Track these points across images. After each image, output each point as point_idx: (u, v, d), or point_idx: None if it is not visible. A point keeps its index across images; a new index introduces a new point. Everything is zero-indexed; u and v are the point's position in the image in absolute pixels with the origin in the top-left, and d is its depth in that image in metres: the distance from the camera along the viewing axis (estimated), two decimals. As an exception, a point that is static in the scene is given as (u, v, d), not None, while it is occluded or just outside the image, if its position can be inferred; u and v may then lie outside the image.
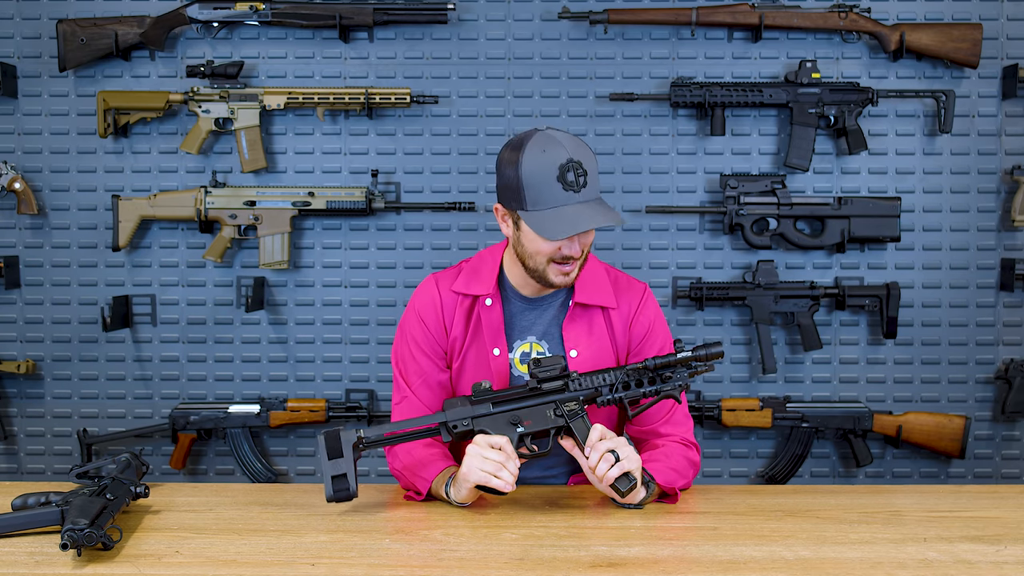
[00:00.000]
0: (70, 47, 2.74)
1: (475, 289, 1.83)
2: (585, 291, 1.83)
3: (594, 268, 1.87)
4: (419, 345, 1.85)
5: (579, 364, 1.81)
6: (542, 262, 1.73)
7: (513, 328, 1.84)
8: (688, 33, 2.80)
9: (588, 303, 1.83)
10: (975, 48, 2.71)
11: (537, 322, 1.85)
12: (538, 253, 1.72)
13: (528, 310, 1.85)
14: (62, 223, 2.86)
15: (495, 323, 1.82)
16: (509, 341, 1.84)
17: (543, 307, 1.85)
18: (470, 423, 1.66)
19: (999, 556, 1.48)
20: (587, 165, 1.68)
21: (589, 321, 1.84)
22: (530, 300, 1.85)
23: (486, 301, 1.83)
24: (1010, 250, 2.83)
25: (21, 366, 2.82)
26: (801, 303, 2.77)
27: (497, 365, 1.82)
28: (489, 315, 1.82)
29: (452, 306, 1.84)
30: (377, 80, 2.83)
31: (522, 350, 1.84)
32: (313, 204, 2.76)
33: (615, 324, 1.85)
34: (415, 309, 1.86)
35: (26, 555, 1.49)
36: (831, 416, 2.76)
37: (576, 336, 1.83)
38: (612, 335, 1.85)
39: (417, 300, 1.87)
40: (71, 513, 1.55)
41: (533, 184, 1.66)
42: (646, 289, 1.90)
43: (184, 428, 2.77)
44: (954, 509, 1.72)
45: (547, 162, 1.66)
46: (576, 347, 1.82)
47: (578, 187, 1.66)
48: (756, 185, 2.75)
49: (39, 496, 1.67)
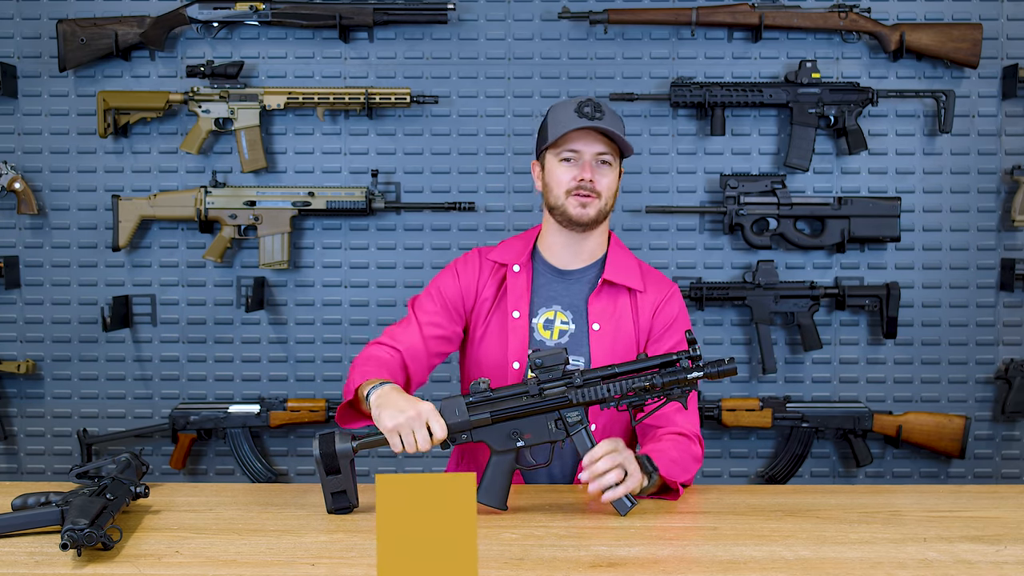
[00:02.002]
0: (70, 47, 2.74)
1: (508, 258, 1.95)
2: (615, 271, 1.92)
3: (626, 256, 1.97)
4: (442, 294, 1.94)
5: (599, 338, 1.87)
6: (561, 194, 1.85)
7: (539, 295, 1.92)
8: (688, 33, 2.80)
9: (616, 282, 1.91)
10: (975, 48, 2.71)
11: (564, 293, 1.92)
12: (557, 184, 1.85)
13: (557, 281, 1.93)
14: (62, 223, 2.86)
15: (520, 288, 1.91)
16: (533, 307, 1.91)
17: (572, 280, 1.93)
18: (469, 436, 1.64)
19: (999, 556, 1.48)
20: (606, 108, 1.84)
21: (615, 300, 1.91)
22: (560, 272, 1.93)
23: (514, 267, 1.92)
24: (1010, 250, 2.83)
25: (21, 366, 2.82)
26: (801, 303, 2.77)
27: (515, 327, 1.88)
28: (516, 280, 1.92)
29: (488, 272, 1.95)
30: (377, 80, 2.83)
31: (546, 316, 1.91)
32: (313, 204, 2.76)
33: (641, 308, 1.92)
34: (453, 266, 1.99)
35: (26, 555, 1.49)
36: (831, 416, 2.76)
37: (600, 311, 1.90)
38: (636, 318, 1.92)
39: (458, 260, 2.00)
40: (71, 513, 1.55)
41: (555, 119, 1.85)
42: (675, 287, 1.98)
43: (184, 428, 2.77)
44: (954, 509, 1.72)
45: (568, 103, 1.86)
46: (599, 321, 1.89)
47: (593, 117, 1.81)
48: (756, 185, 2.75)
49: (39, 496, 1.67)
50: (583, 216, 1.85)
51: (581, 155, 1.84)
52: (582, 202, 1.84)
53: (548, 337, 1.89)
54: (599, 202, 1.85)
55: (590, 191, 1.84)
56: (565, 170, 1.85)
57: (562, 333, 1.90)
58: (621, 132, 1.85)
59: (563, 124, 1.83)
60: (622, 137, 1.83)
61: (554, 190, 1.86)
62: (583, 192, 1.83)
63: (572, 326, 1.90)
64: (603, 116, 1.82)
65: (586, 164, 1.84)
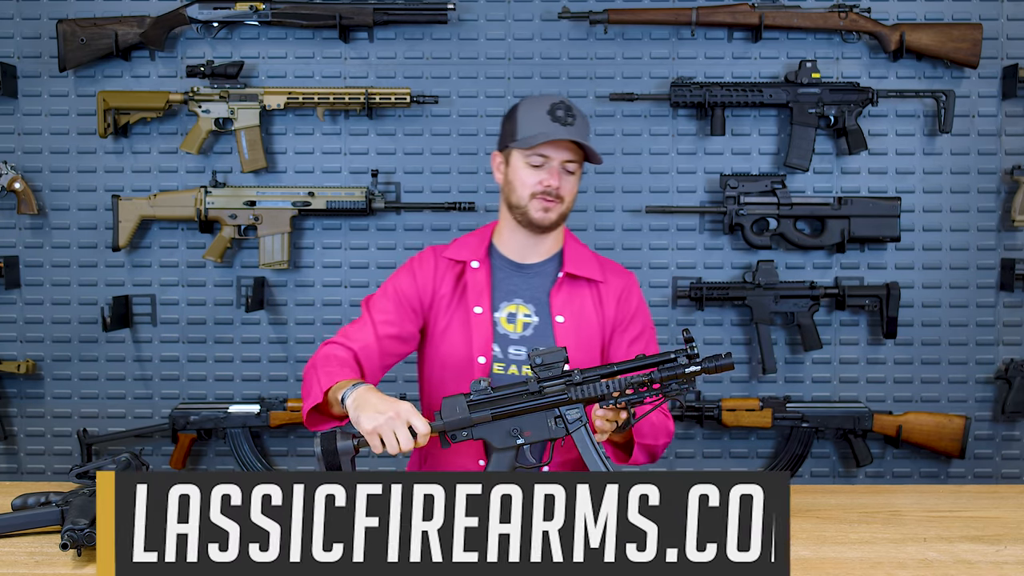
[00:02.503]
0: (70, 47, 2.74)
1: (464, 255, 1.94)
2: (575, 264, 1.94)
3: (583, 248, 1.99)
4: (398, 292, 1.93)
5: (564, 330, 1.89)
6: (525, 196, 1.85)
7: (500, 290, 1.92)
8: (688, 33, 2.80)
9: (577, 274, 1.92)
10: (975, 48, 2.71)
11: (524, 286, 1.93)
12: (522, 185, 1.85)
13: (516, 275, 1.94)
14: (62, 223, 2.86)
15: (480, 284, 1.91)
16: (495, 301, 1.92)
17: (531, 274, 1.94)
18: (469, 433, 1.65)
19: (999, 556, 1.48)
20: (577, 112, 1.84)
21: (577, 292, 1.93)
22: (519, 266, 1.94)
23: (472, 263, 1.93)
24: (1010, 250, 2.83)
25: (21, 366, 2.82)
26: (801, 303, 2.77)
27: (478, 322, 1.89)
28: (475, 276, 1.92)
29: (444, 270, 1.95)
30: (377, 80, 2.83)
31: (508, 311, 1.92)
32: (313, 204, 2.76)
33: (604, 299, 1.94)
34: (409, 265, 1.98)
35: (26, 555, 1.49)
36: (831, 416, 2.76)
37: (563, 304, 1.91)
38: (600, 309, 1.94)
39: (413, 259, 2.00)
40: (71, 513, 1.55)
41: (526, 117, 1.84)
42: (633, 275, 2.02)
43: (184, 428, 2.77)
44: (954, 509, 1.72)
45: (541, 101, 1.85)
46: (562, 314, 1.91)
47: (566, 122, 1.81)
48: (756, 185, 2.75)
49: (39, 496, 1.67)
50: (545, 220, 1.86)
51: (550, 160, 1.84)
52: (546, 207, 1.85)
53: (512, 331, 1.90)
54: (561, 207, 1.87)
55: (555, 197, 1.85)
56: (532, 173, 1.84)
57: (526, 326, 1.90)
58: (589, 136, 1.87)
59: (535, 127, 1.82)
60: (593, 149, 1.83)
61: (518, 190, 1.86)
62: (548, 198, 1.84)
63: (535, 319, 1.91)
64: (575, 120, 1.83)
65: (554, 170, 1.84)
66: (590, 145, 1.82)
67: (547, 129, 1.80)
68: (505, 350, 1.89)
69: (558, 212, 1.87)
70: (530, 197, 1.85)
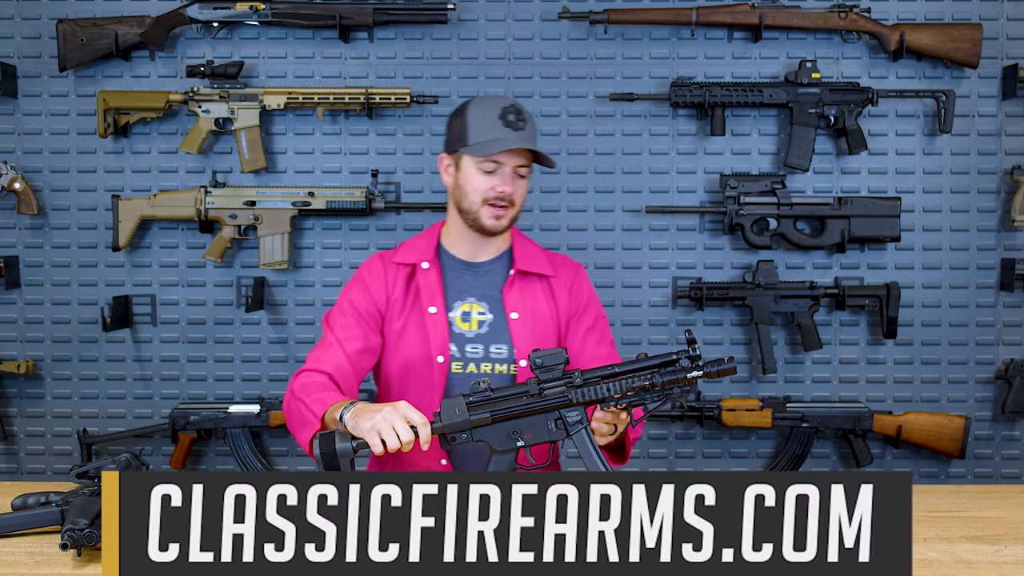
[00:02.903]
0: (70, 47, 2.74)
1: (413, 258, 1.95)
2: (525, 261, 1.96)
3: (531, 245, 2.01)
4: (356, 308, 1.92)
5: (519, 327, 1.90)
6: (477, 202, 1.86)
7: (452, 289, 1.93)
8: (688, 33, 2.80)
9: (528, 270, 1.95)
10: (975, 48, 2.71)
11: (476, 284, 1.94)
12: (474, 191, 1.85)
13: (467, 273, 1.95)
14: (62, 223, 2.86)
15: (432, 284, 1.92)
16: (448, 301, 1.93)
17: (482, 272, 1.95)
18: (468, 435, 1.64)
19: (999, 556, 1.48)
20: (527, 115, 1.85)
21: (529, 288, 1.95)
22: (469, 264, 1.95)
23: (422, 264, 1.93)
24: (1010, 250, 2.83)
25: (21, 366, 2.82)
26: (801, 303, 2.77)
27: (434, 322, 1.90)
28: (426, 277, 1.93)
29: (394, 275, 1.95)
30: (377, 80, 2.83)
31: (463, 309, 1.93)
32: (313, 204, 2.76)
33: (556, 292, 1.97)
34: (359, 276, 1.97)
35: (26, 555, 1.50)
36: (831, 416, 2.76)
37: (516, 300, 1.93)
38: (553, 303, 1.96)
39: (362, 269, 1.98)
40: (71, 513, 1.55)
41: (477, 121, 1.84)
42: (582, 266, 2.05)
43: (184, 428, 2.77)
44: (954, 509, 1.72)
45: (491, 104, 1.85)
46: (516, 310, 1.92)
47: (517, 127, 1.82)
48: (756, 185, 2.75)
49: (39, 496, 1.67)
50: (497, 227, 1.88)
51: (503, 166, 1.84)
52: (497, 214, 1.86)
53: (467, 329, 1.91)
54: (513, 211, 1.88)
55: (507, 203, 1.85)
56: (484, 179, 1.84)
57: (480, 324, 1.92)
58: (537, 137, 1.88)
59: (488, 132, 1.82)
60: (547, 156, 1.85)
61: (470, 196, 1.86)
62: (500, 203, 1.85)
63: (490, 316, 1.92)
64: (526, 124, 1.84)
65: (506, 177, 1.84)
66: (540, 151, 1.83)
67: (501, 135, 1.81)
68: (462, 348, 1.90)
69: (509, 217, 1.88)
70: (482, 203, 1.85)
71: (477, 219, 1.87)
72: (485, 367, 1.90)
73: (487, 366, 1.90)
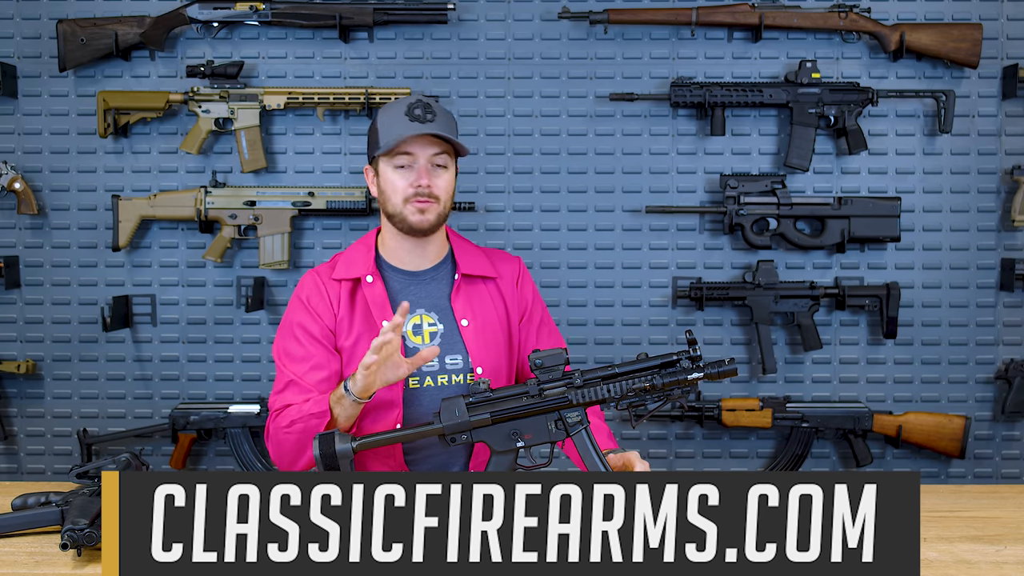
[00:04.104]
0: (70, 47, 2.74)
1: (354, 272, 1.89)
2: (468, 264, 1.93)
3: (469, 247, 1.99)
4: (308, 332, 1.86)
5: (471, 333, 1.87)
6: (399, 202, 1.83)
7: (399, 302, 1.86)
8: (688, 33, 2.80)
9: (472, 274, 1.92)
10: (975, 48, 2.71)
11: (424, 295, 1.91)
12: (394, 192, 1.83)
13: (411, 284, 1.91)
14: (62, 223, 2.86)
15: (379, 298, 1.87)
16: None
17: (426, 280, 1.92)
18: (468, 436, 1.64)
19: (999, 556, 1.48)
20: (436, 108, 1.82)
21: (476, 292, 1.93)
22: (411, 274, 1.92)
23: (367, 278, 1.88)
24: (1010, 250, 2.83)
25: (21, 366, 2.82)
26: (801, 303, 2.77)
27: None
28: (372, 291, 1.87)
29: (336, 293, 1.88)
30: (377, 80, 2.83)
31: (413, 323, 1.88)
32: (313, 204, 2.76)
33: (503, 292, 1.95)
34: (300, 299, 1.89)
35: (26, 555, 1.50)
36: (831, 416, 2.76)
37: (464, 307, 1.90)
38: (502, 303, 1.94)
39: (301, 291, 1.91)
40: (71, 513, 1.55)
41: (385, 123, 1.82)
42: (519, 259, 2.04)
43: (184, 428, 2.77)
44: (954, 509, 1.72)
45: (398, 105, 1.83)
46: (466, 317, 1.89)
47: (424, 120, 1.79)
48: (756, 185, 2.75)
49: (39, 496, 1.67)
50: (423, 223, 1.83)
51: (416, 159, 1.81)
52: (420, 208, 1.82)
53: (420, 342, 1.86)
54: (438, 206, 1.84)
55: (427, 196, 1.82)
56: (401, 176, 1.82)
57: (432, 335, 1.88)
58: (454, 132, 1.84)
59: (394, 129, 1.79)
60: (455, 139, 1.82)
61: (391, 198, 1.83)
62: (421, 198, 1.81)
63: (440, 326, 1.89)
64: (435, 117, 1.80)
65: (422, 169, 1.81)
66: (450, 136, 1.80)
67: (404, 129, 1.78)
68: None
69: (435, 212, 1.84)
70: (404, 202, 1.82)
71: (404, 219, 1.83)
72: (442, 379, 1.85)
73: (443, 378, 1.86)
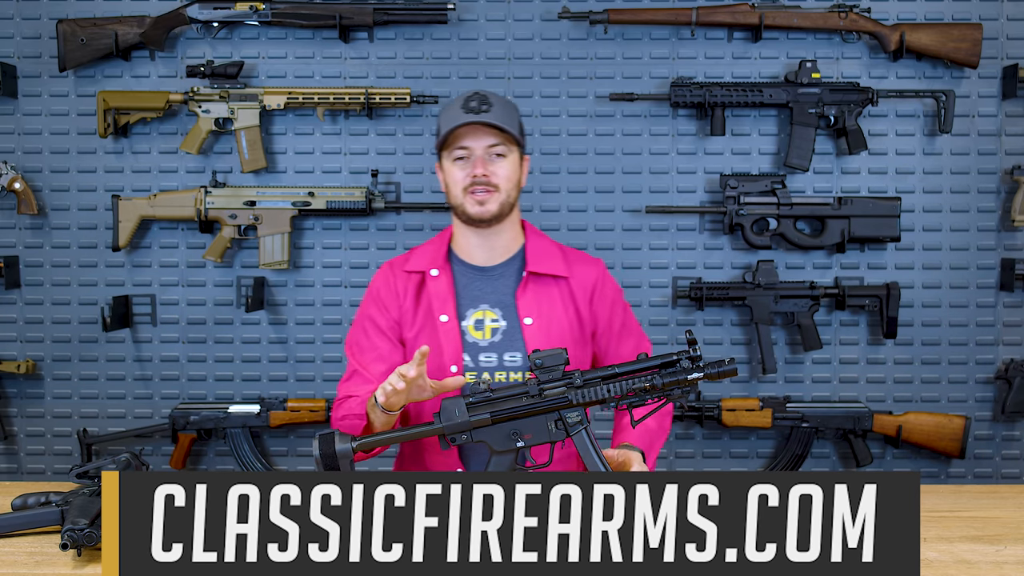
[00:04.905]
0: (70, 47, 2.74)
1: (423, 265, 1.93)
2: (537, 262, 1.91)
3: (545, 242, 1.96)
4: (376, 325, 1.92)
5: (533, 332, 1.86)
6: (459, 193, 1.85)
7: (464, 296, 1.90)
8: (688, 33, 2.80)
9: (541, 272, 1.90)
10: (975, 48, 2.71)
11: (489, 291, 1.90)
12: (454, 184, 1.85)
13: (479, 279, 1.91)
14: (62, 223, 2.86)
15: (443, 292, 1.89)
16: (460, 309, 1.90)
17: (495, 276, 1.91)
18: (468, 436, 1.64)
19: (999, 556, 1.48)
20: (494, 100, 1.83)
21: (544, 291, 1.90)
22: (481, 270, 1.92)
23: (432, 272, 1.90)
24: (1010, 250, 2.83)
25: (21, 366, 2.82)
26: (801, 303, 2.77)
27: (446, 331, 1.87)
28: (437, 285, 1.90)
29: (405, 284, 1.93)
30: (377, 80, 2.83)
31: (475, 317, 1.89)
32: (313, 204, 2.76)
33: (575, 294, 1.92)
34: (372, 293, 1.96)
35: (26, 555, 1.50)
36: (831, 416, 2.76)
37: (529, 304, 1.88)
38: (575, 305, 1.91)
39: (373, 285, 1.96)
40: (71, 513, 1.55)
41: (444, 118, 1.85)
42: (601, 263, 1.98)
43: (184, 428, 2.77)
44: (954, 509, 1.72)
45: (458, 99, 1.85)
46: (530, 315, 1.88)
47: (479, 111, 1.80)
48: (756, 185, 2.75)
49: (39, 496, 1.67)
50: (483, 213, 1.84)
51: (472, 151, 1.83)
52: (480, 199, 1.83)
53: (480, 338, 1.88)
54: (499, 195, 1.84)
55: (486, 185, 1.82)
56: (459, 169, 1.84)
57: (494, 332, 1.88)
58: (511, 122, 1.84)
59: (450, 122, 1.82)
60: (510, 129, 1.81)
61: (452, 190, 1.86)
62: (479, 188, 1.82)
63: (503, 323, 1.89)
64: (491, 108, 1.81)
65: (478, 160, 1.82)
66: (504, 126, 1.80)
67: (458, 119, 1.80)
68: (475, 358, 1.87)
69: (497, 201, 1.84)
70: (463, 193, 1.84)
71: (464, 210, 1.85)
72: (500, 376, 1.87)
73: (501, 375, 1.87)
